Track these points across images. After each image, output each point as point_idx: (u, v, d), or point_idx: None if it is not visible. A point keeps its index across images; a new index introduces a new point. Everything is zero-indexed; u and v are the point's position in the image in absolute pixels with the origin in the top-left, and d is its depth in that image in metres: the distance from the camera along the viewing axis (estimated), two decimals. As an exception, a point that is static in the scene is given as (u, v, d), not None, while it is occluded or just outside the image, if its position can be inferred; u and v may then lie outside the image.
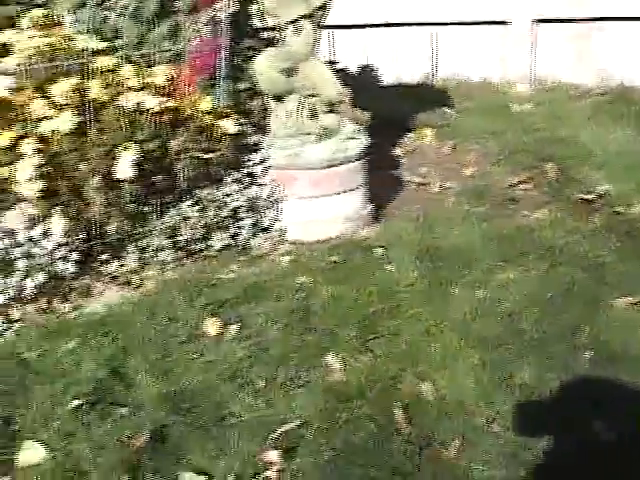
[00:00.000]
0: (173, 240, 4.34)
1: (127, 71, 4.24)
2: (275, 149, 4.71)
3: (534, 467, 2.98)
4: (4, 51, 4.27)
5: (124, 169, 4.04)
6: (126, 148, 4.06)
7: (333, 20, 5.05)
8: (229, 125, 4.51)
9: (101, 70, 4.20)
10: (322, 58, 5.01)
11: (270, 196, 4.68)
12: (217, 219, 4.45)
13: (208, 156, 4.47)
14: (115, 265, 4.23)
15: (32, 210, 4.00)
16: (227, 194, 4.51)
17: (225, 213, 4.48)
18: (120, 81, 4.22)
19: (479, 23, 7.67)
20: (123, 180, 4.09)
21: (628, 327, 3.79)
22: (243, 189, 4.60)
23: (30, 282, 3.89)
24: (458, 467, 3.00)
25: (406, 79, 7.57)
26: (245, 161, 4.69)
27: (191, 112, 4.40)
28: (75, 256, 4.04)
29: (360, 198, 4.88)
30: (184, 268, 4.35)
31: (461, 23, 7.65)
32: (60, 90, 4.04)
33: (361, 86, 6.02)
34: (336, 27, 6.87)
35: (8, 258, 3.88)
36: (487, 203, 5.20)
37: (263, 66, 4.63)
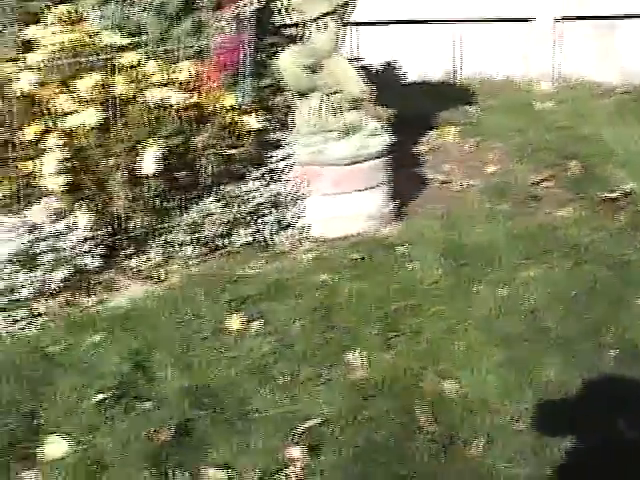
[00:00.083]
0: (196, 235, 4.35)
1: (151, 67, 4.25)
2: (298, 146, 4.71)
3: (558, 465, 2.97)
4: (29, 47, 4.29)
5: (148, 164, 4.06)
6: (150, 144, 4.08)
7: (357, 17, 5.04)
8: (253, 121, 4.51)
9: (125, 66, 4.21)
10: (346, 55, 5.01)
11: (293, 193, 4.68)
12: (240, 215, 4.45)
13: (231, 152, 4.48)
14: (139, 260, 4.24)
15: (57, 204, 4.02)
16: (250, 190, 4.51)
17: (248, 209, 4.48)
18: (144, 77, 4.23)
19: (502, 20, 7.65)
20: (147, 175, 4.10)
21: (653, 326, 3.78)
22: (266, 185, 4.60)
23: (55, 276, 3.90)
24: (482, 465, 2.99)
25: (429, 76, 7.55)
26: (268, 157, 4.69)
27: (215, 108, 4.41)
28: (100, 250, 4.07)
29: (383, 195, 4.87)
30: (207, 264, 4.35)
31: (484, 20, 7.62)
32: (85, 85, 4.06)
33: (384, 83, 6.00)
34: (360, 24, 6.84)
35: (33, 252, 3.90)
36: (510, 201, 5.19)
37: (287, 63, 4.64)
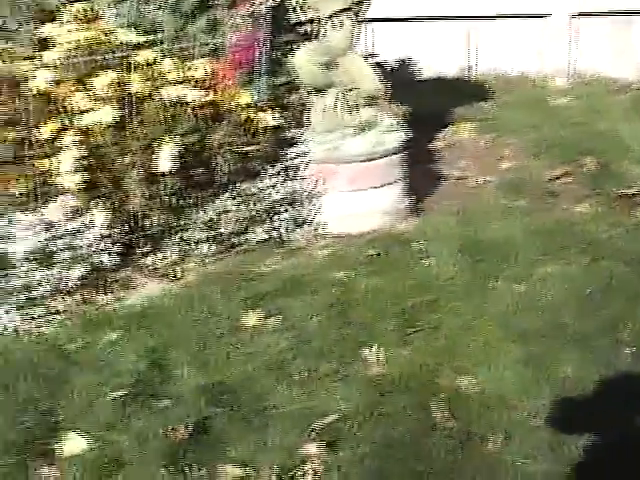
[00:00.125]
0: (213, 233, 4.36)
1: (167, 65, 4.26)
2: (314, 143, 4.71)
3: (576, 462, 2.96)
4: (45, 45, 4.31)
5: (164, 162, 4.07)
6: (166, 141, 4.08)
7: (372, 14, 5.03)
8: (268, 119, 4.52)
9: (141, 64, 4.22)
10: (361, 52, 5.01)
11: (309, 190, 4.68)
12: (256, 213, 4.46)
13: (247, 149, 4.49)
14: (155, 258, 4.25)
15: (73, 202, 4.03)
16: (266, 188, 4.52)
17: (264, 207, 4.49)
18: (160, 75, 4.24)
19: (518, 16, 7.62)
20: (163, 173, 4.11)
21: (671, 322, 3.76)
22: (282, 183, 4.61)
23: (72, 274, 3.92)
24: (500, 462, 2.98)
25: (444, 73, 7.53)
26: (284, 155, 4.70)
27: (230, 106, 4.41)
28: (116, 248, 4.08)
29: (399, 192, 4.87)
30: (224, 261, 4.36)
31: (500, 17, 7.60)
32: (101, 83, 4.07)
33: (399, 80, 6.02)
34: (376, 20, 6.83)
35: (50, 250, 3.91)
36: (526, 197, 5.18)
37: (302, 60, 4.64)
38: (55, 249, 3.92)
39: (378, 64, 5.58)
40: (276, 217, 4.55)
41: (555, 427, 3.12)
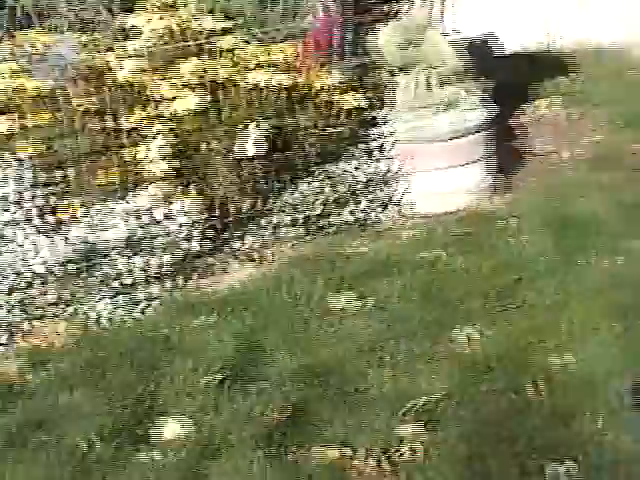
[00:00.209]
0: (299, 216, 4.37)
1: (250, 49, 4.28)
2: (398, 122, 4.69)
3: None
4: (129, 34, 4.36)
5: (250, 147, 4.09)
6: (252, 126, 4.10)
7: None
8: (351, 100, 4.51)
9: (224, 49, 4.25)
10: (444, 28, 4.97)
11: (394, 170, 4.67)
12: (342, 194, 4.46)
13: (331, 131, 4.49)
14: (244, 242, 4.29)
15: (162, 189, 4.08)
16: (351, 169, 4.52)
17: (350, 188, 4.48)
18: (243, 60, 4.26)
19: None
20: (250, 158, 4.13)
21: None
22: (366, 163, 4.60)
23: (164, 260, 3.97)
24: (595, 441, 2.93)
25: (527, 46, 7.43)
26: (367, 135, 4.69)
27: (314, 88, 4.42)
28: (205, 234, 4.11)
29: (484, 169, 4.83)
30: (311, 244, 4.38)
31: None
32: (185, 70, 4.11)
33: (482, 55, 5.93)
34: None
35: (140, 238, 3.96)
36: (615, 170, 5.07)
37: (384, 40, 4.63)
38: (145, 236, 3.97)
39: (460, 40, 5.51)
40: (362, 198, 4.54)
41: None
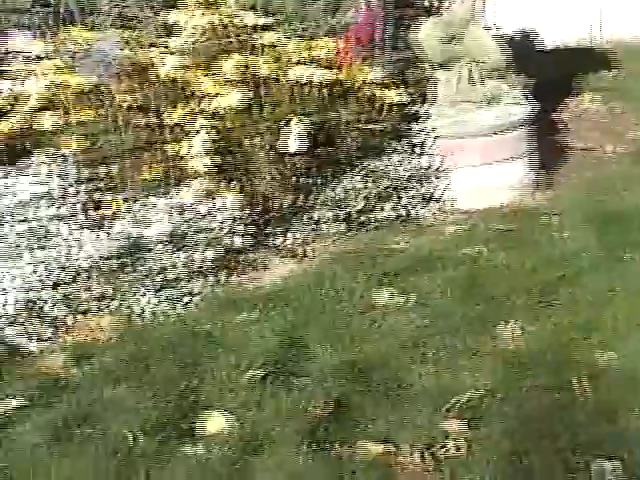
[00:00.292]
0: (341, 212, 4.36)
1: (292, 45, 4.28)
2: (440, 118, 4.68)
3: None
4: (171, 31, 4.38)
5: (293, 142, 4.09)
6: (294, 122, 4.10)
7: (493, -15, 4.98)
8: (393, 95, 4.50)
9: (266, 45, 4.25)
10: (485, 24, 4.95)
11: (436, 165, 4.65)
12: (384, 190, 4.45)
13: (372, 126, 4.48)
14: (286, 238, 4.29)
15: (204, 185, 4.09)
16: (392, 164, 4.51)
17: (391, 183, 4.47)
18: (285, 55, 4.26)
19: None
20: (292, 153, 4.13)
21: None
22: (408, 159, 4.59)
23: (206, 256, 3.98)
24: (642, 437, 2.92)
25: (568, 42, 7.39)
26: (409, 131, 4.68)
27: (355, 83, 4.41)
28: (247, 229, 4.12)
29: (527, 165, 4.81)
30: (353, 239, 4.37)
31: (622, -18, 7.40)
32: (227, 67, 4.11)
33: (522, 51, 5.90)
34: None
35: (183, 233, 3.98)
36: (655, 166, 5.04)
37: (426, 35, 4.62)
38: (188, 232, 3.98)
39: (500, 36, 5.49)
40: (404, 194, 4.53)
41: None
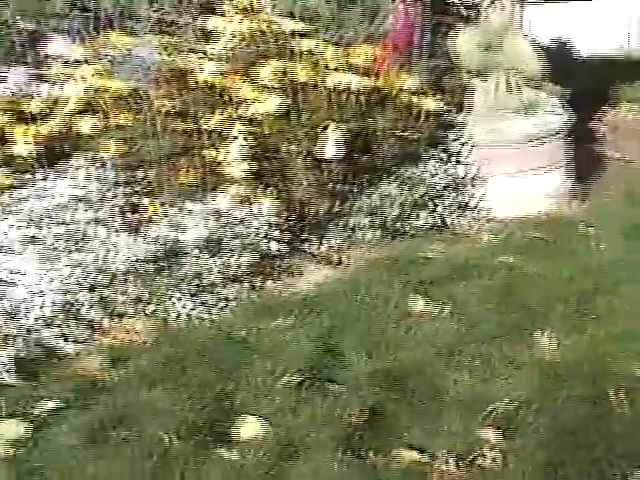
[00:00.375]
0: (377, 219, 4.36)
1: (329, 52, 4.29)
2: (477, 126, 4.67)
3: None
4: (209, 37, 4.40)
5: (329, 149, 4.09)
6: (331, 128, 4.10)
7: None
8: (430, 102, 4.49)
9: (303, 52, 4.26)
10: (522, 33, 4.94)
11: (472, 174, 4.64)
12: (419, 198, 4.44)
13: (409, 134, 4.47)
14: (321, 244, 4.29)
15: (241, 191, 4.10)
16: (428, 172, 4.50)
17: (427, 191, 4.46)
18: (323, 62, 4.27)
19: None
20: (328, 160, 4.13)
21: None
22: (444, 167, 4.58)
23: (241, 261, 3.98)
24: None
25: (603, 52, 7.34)
26: (445, 139, 4.67)
27: (392, 90, 4.41)
28: (283, 235, 4.12)
29: (563, 174, 4.79)
30: (388, 246, 4.36)
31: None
32: (265, 73, 4.12)
33: (558, 60, 5.88)
34: (533, 1, 6.73)
35: (219, 238, 3.98)
36: (693, 178, 5.01)
37: (463, 43, 4.61)
38: (224, 237, 3.98)
39: (536, 45, 5.48)
40: (439, 202, 4.52)
41: None
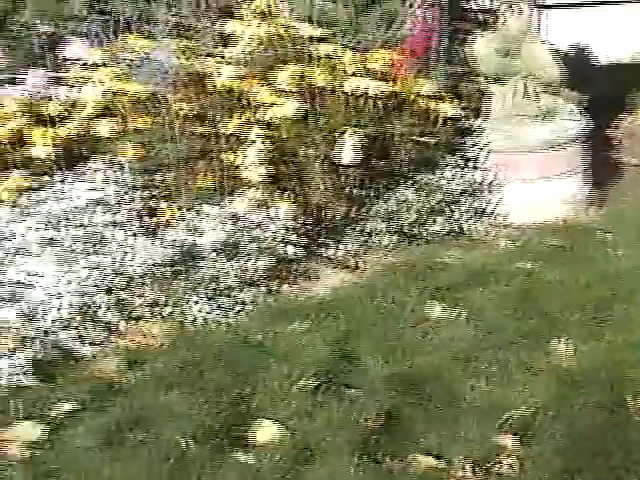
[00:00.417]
0: (393, 224, 4.36)
1: (347, 57, 4.29)
2: (494, 132, 4.67)
3: None
4: (227, 41, 4.41)
5: (347, 154, 4.09)
6: (349, 133, 4.11)
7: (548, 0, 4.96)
8: (447, 108, 4.49)
9: (322, 57, 4.27)
10: (540, 39, 4.94)
11: (489, 179, 4.64)
12: (436, 203, 4.43)
13: (426, 139, 4.47)
14: (337, 248, 4.29)
15: (258, 195, 4.10)
16: (445, 178, 4.49)
17: (444, 197, 4.46)
18: (341, 67, 4.27)
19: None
20: (345, 164, 4.14)
21: None
22: (462, 173, 4.57)
23: (258, 265, 3.98)
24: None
25: (621, 58, 7.32)
26: (462, 144, 4.66)
27: (409, 95, 4.41)
28: (300, 239, 4.12)
29: (581, 180, 4.78)
30: (405, 252, 4.35)
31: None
32: (283, 77, 4.13)
33: (575, 66, 5.87)
34: (550, 7, 6.72)
35: (236, 242, 3.99)
36: None
37: (481, 49, 4.61)
38: (241, 241, 3.99)
39: (555, 50, 5.47)
40: (456, 208, 4.51)
41: None
